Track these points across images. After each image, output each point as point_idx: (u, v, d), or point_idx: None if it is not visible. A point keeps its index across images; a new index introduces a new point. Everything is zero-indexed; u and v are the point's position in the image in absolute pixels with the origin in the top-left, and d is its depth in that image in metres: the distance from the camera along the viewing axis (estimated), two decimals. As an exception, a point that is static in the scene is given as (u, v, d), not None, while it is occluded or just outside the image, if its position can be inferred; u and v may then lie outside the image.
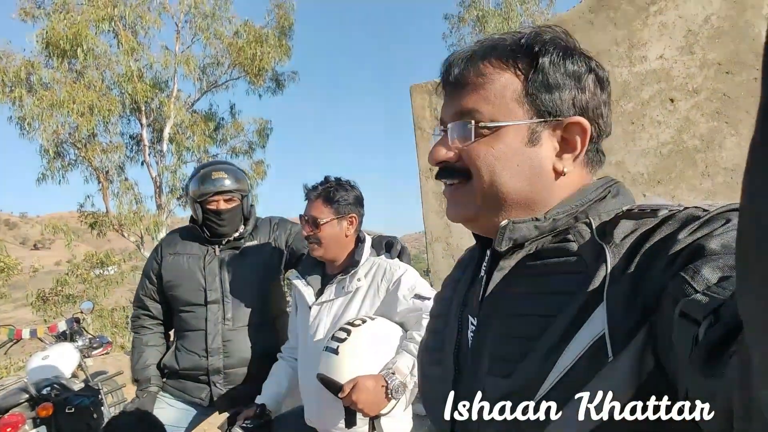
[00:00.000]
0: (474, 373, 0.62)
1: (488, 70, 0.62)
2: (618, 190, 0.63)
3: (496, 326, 0.61)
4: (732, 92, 2.56)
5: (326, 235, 1.64)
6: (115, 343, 8.77)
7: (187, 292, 1.96)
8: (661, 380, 0.45)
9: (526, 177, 0.62)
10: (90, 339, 3.52)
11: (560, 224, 0.60)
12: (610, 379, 0.47)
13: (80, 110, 10.90)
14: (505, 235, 0.61)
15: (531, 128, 0.61)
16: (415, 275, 1.60)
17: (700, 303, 0.39)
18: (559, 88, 0.61)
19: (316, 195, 1.66)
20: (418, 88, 3.20)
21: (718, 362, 0.35)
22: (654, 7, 2.66)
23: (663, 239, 0.49)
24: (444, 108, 0.67)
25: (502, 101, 0.61)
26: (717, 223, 0.46)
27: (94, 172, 12.48)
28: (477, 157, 0.62)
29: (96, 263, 14.05)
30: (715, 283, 0.40)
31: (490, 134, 0.61)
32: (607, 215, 0.59)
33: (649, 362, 0.46)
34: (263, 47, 12.71)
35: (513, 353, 0.56)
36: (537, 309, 0.56)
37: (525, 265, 0.61)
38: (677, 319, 0.41)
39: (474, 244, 0.76)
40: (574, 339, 0.51)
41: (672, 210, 0.52)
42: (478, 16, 15.38)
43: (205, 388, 1.93)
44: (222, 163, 2.10)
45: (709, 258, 0.42)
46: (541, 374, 0.52)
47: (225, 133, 14.01)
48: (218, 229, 1.97)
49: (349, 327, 1.43)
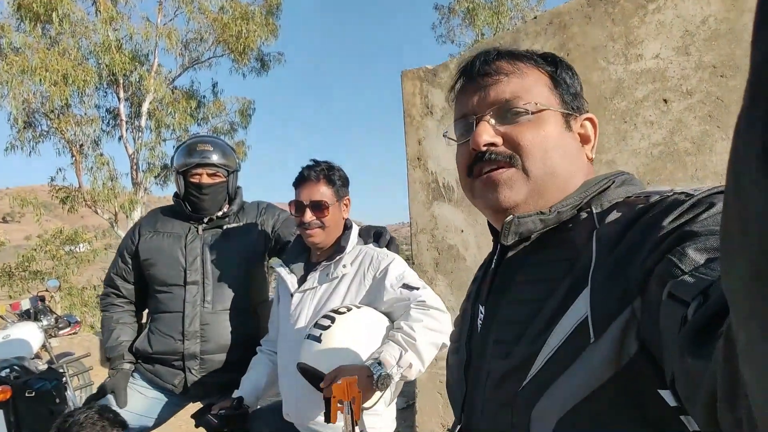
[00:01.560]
0: (481, 357, 0.67)
1: (521, 64, 0.68)
2: (624, 180, 0.65)
3: (500, 313, 0.65)
4: (725, 96, 2.56)
5: (331, 219, 1.58)
6: (84, 322, 8.55)
7: (165, 271, 1.87)
8: (646, 365, 0.46)
9: (571, 159, 0.66)
10: (56, 318, 3.37)
11: (564, 216, 0.63)
12: (591, 360, 0.49)
13: (53, 79, 10.45)
14: (511, 230, 0.64)
15: (564, 117, 0.67)
16: (404, 264, 1.55)
17: (688, 284, 0.40)
18: (574, 88, 0.71)
19: (317, 176, 1.58)
20: (410, 74, 3.13)
21: (706, 343, 0.35)
22: (653, 5, 2.63)
23: (649, 224, 0.50)
24: (472, 100, 0.69)
25: (540, 90, 0.67)
26: (702, 206, 0.47)
27: (67, 144, 12.06)
28: (529, 139, 0.64)
29: (66, 239, 13.63)
30: (703, 265, 0.41)
31: (536, 118, 0.65)
32: (609, 204, 0.61)
33: (631, 346, 0.47)
34: (249, 25, 12.37)
35: (511, 336, 0.61)
36: (533, 295, 0.60)
37: (529, 255, 0.65)
38: (665, 301, 0.42)
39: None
40: (561, 321, 0.54)
41: (663, 195, 0.54)
42: (468, 8, 15.27)
43: (179, 374, 1.84)
44: (210, 136, 2.03)
45: (696, 240, 0.43)
46: (533, 355, 0.56)
47: (206, 112, 13.66)
48: (200, 204, 1.89)
49: (334, 314, 1.37)
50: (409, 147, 3.14)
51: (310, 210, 1.55)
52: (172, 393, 1.87)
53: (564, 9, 2.78)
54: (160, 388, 1.87)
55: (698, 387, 0.35)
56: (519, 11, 15.26)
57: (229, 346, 1.85)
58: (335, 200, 1.59)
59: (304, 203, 1.56)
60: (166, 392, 1.88)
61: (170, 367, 1.85)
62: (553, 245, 0.62)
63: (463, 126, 0.71)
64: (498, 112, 0.66)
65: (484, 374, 0.65)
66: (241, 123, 14.05)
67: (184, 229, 1.93)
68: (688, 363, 0.36)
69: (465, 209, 3.07)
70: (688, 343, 0.36)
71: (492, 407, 0.62)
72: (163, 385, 1.86)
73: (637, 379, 0.47)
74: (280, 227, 1.99)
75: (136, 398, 1.82)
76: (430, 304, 1.41)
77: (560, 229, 0.63)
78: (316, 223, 1.55)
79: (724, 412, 0.30)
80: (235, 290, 1.88)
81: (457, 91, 0.74)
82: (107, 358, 1.91)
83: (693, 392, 0.36)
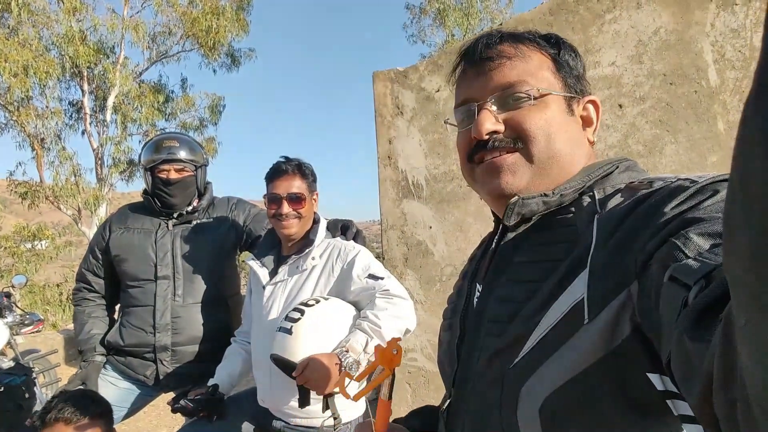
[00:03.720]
0: (475, 334, 0.67)
1: (524, 48, 0.67)
2: (628, 166, 0.65)
3: (497, 291, 0.65)
4: (674, 103, 2.74)
5: (306, 211, 1.65)
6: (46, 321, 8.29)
7: (136, 266, 1.90)
8: (636, 349, 0.47)
9: (574, 143, 0.66)
10: (21, 315, 3.31)
11: (567, 199, 0.63)
12: (583, 341, 0.50)
13: (13, 70, 10.03)
14: (515, 210, 0.63)
15: (567, 100, 0.67)
16: (369, 256, 1.62)
17: (691, 268, 0.40)
18: (577, 71, 0.69)
19: (293, 170, 1.65)
20: (381, 75, 3.21)
21: (706, 327, 0.35)
22: (609, 15, 2.79)
23: (651, 208, 0.50)
24: (473, 85, 0.68)
25: (542, 74, 0.66)
26: (706, 193, 0.47)
27: (28, 138, 11.61)
28: (532, 124, 0.64)
29: (27, 236, 13.13)
30: (708, 250, 0.41)
31: (538, 103, 0.65)
32: (612, 189, 0.61)
33: (624, 329, 0.47)
34: (220, 20, 12.17)
35: (506, 314, 0.60)
36: (531, 275, 0.60)
37: (529, 236, 0.65)
38: (666, 284, 0.42)
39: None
40: (557, 302, 0.54)
41: (667, 181, 0.53)
42: (439, 9, 15.45)
43: (150, 366, 1.87)
44: (177, 133, 2.06)
45: (700, 226, 0.43)
46: (526, 334, 0.56)
47: (175, 107, 13.37)
48: (168, 200, 1.92)
49: (303, 307, 1.44)
50: (379, 146, 3.23)
51: (287, 202, 1.61)
52: (144, 384, 1.90)
53: (528, 16, 2.91)
54: (132, 379, 1.90)
55: (695, 369, 0.35)
56: (488, 13, 15.53)
57: (200, 337, 1.89)
58: (308, 194, 1.66)
59: (281, 196, 1.61)
60: (138, 383, 1.90)
61: (142, 359, 1.88)
62: (554, 227, 0.62)
63: (465, 112, 0.70)
64: (500, 97, 0.65)
65: (476, 351, 0.65)
66: (211, 119, 13.83)
67: (155, 224, 1.95)
68: (686, 345, 0.36)
69: (433, 206, 3.18)
70: (688, 326, 0.36)
71: (482, 384, 0.62)
72: (135, 377, 1.89)
73: (626, 362, 0.47)
74: (251, 222, 2.03)
75: (108, 388, 1.84)
76: (393, 292, 1.49)
77: (561, 212, 0.63)
78: (293, 215, 1.61)
79: (719, 394, 0.31)
80: (205, 283, 1.92)
81: (458, 75, 0.72)
82: (79, 351, 1.92)
83: (690, 374, 0.36)
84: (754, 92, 0.20)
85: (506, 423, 0.57)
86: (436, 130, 3.23)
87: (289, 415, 1.55)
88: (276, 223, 1.65)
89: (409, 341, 3.27)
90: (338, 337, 1.43)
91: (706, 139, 2.97)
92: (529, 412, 0.54)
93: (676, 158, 2.60)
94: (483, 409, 0.61)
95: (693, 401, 0.36)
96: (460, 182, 3.19)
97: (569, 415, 0.51)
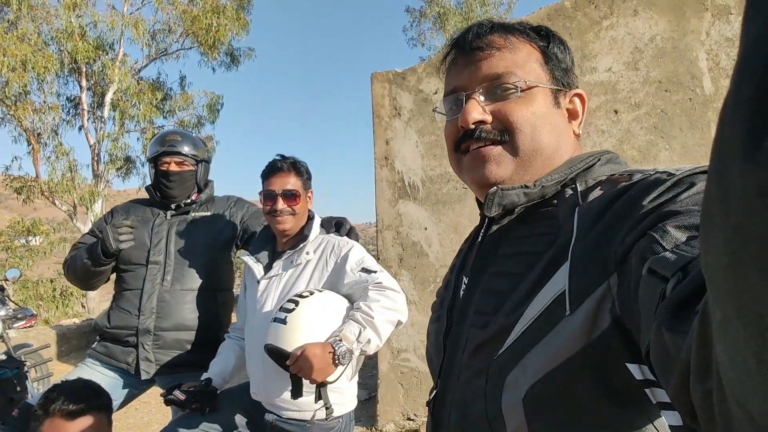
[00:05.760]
0: (461, 326, 0.68)
1: (513, 39, 0.68)
2: (609, 158, 0.66)
3: (482, 284, 0.66)
4: (669, 109, 2.76)
5: (301, 207, 1.68)
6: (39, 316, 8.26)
7: (130, 251, 1.96)
8: (615, 339, 0.48)
9: (558, 135, 0.67)
10: (14, 309, 3.31)
11: (548, 191, 0.64)
12: (565, 332, 0.51)
13: (11, 64, 10.02)
14: (495, 201, 0.64)
15: (554, 93, 0.68)
16: (362, 250, 1.65)
17: (668, 260, 0.40)
18: (565, 63, 0.70)
19: (288, 167, 1.69)
20: (379, 77, 3.22)
21: (683, 318, 0.35)
22: (606, 22, 2.82)
23: (629, 201, 0.51)
24: (462, 75, 0.69)
25: (530, 66, 0.67)
26: (683, 186, 0.48)
27: (24, 132, 11.57)
28: (519, 115, 0.65)
29: (21, 231, 13.08)
30: (684, 242, 0.41)
31: (525, 95, 0.65)
32: (594, 181, 0.62)
33: (603, 320, 0.48)
34: (220, 19, 12.19)
35: (490, 306, 0.62)
36: (515, 268, 0.61)
37: (513, 229, 0.66)
38: (645, 276, 0.42)
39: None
40: (539, 294, 0.55)
41: (645, 174, 0.54)
42: (439, 13, 15.54)
43: (131, 352, 1.89)
44: (182, 130, 2.14)
45: (676, 218, 0.44)
46: (510, 325, 0.57)
47: (173, 105, 13.36)
48: (167, 191, 2.00)
49: (298, 298, 1.46)
50: (377, 147, 3.24)
51: (282, 199, 1.64)
52: (127, 373, 1.91)
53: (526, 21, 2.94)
54: (114, 368, 1.92)
55: (673, 360, 0.36)
56: (488, 18, 15.59)
57: (184, 325, 1.92)
58: (303, 191, 1.70)
59: (276, 192, 1.65)
60: (120, 372, 1.92)
61: (123, 344, 1.90)
62: (537, 220, 0.63)
63: (453, 101, 0.71)
64: (488, 88, 0.66)
65: (462, 342, 0.66)
66: (209, 118, 13.82)
67: (154, 214, 2.04)
68: (664, 337, 0.37)
69: (429, 207, 3.20)
70: (666, 317, 0.37)
71: (467, 374, 0.63)
72: (117, 365, 1.91)
73: (606, 352, 0.48)
74: (248, 219, 2.08)
75: (97, 377, 1.86)
76: (386, 285, 1.52)
77: (544, 204, 0.64)
78: (287, 211, 1.64)
79: (696, 385, 0.31)
80: (196, 273, 1.96)
81: (448, 64, 0.73)
82: (92, 259, 1.93)
83: (667, 364, 0.37)
84: (733, 87, 0.20)
85: (491, 412, 0.58)
86: (433, 132, 3.25)
87: (282, 407, 1.56)
88: (271, 219, 1.68)
89: (401, 341, 3.28)
90: (332, 327, 1.45)
91: (700, 146, 3.00)
92: (513, 401, 0.55)
93: (670, 164, 2.63)
94: (468, 399, 0.63)
95: (671, 390, 0.37)
96: (456, 184, 3.21)
97: (551, 403, 0.52)
